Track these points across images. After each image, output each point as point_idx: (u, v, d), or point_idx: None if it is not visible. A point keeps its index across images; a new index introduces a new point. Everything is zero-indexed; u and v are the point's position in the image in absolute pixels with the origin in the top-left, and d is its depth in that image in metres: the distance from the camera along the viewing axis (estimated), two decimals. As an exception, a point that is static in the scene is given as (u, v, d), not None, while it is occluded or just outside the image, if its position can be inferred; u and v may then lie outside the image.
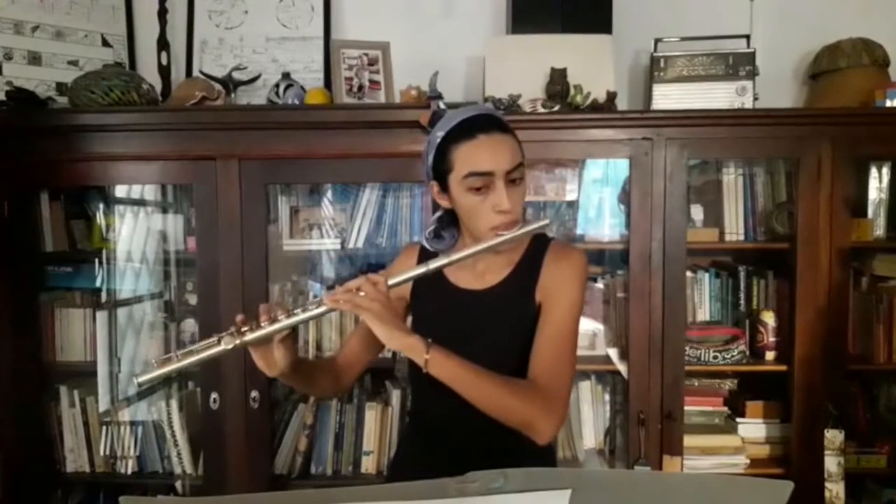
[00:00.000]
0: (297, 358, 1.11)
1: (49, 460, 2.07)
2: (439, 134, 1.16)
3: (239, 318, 1.05)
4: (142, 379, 1.01)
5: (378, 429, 2.06)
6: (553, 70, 1.97)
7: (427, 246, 1.28)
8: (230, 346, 1.02)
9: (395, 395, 2.08)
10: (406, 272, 1.10)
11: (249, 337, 1.03)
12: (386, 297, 1.05)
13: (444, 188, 1.18)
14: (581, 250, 1.25)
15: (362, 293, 1.04)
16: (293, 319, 1.05)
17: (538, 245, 1.24)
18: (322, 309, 1.05)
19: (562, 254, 1.22)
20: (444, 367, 1.04)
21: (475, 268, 1.23)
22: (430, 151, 1.19)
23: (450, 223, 1.27)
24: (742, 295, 2.09)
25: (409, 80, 2.02)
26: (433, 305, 1.26)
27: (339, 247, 2.13)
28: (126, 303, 2.14)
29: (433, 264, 1.10)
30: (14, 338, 1.95)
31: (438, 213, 1.27)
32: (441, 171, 1.16)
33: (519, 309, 1.20)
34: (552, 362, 1.13)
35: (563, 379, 1.14)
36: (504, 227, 1.12)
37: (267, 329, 1.04)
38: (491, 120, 1.16)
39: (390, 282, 1.07)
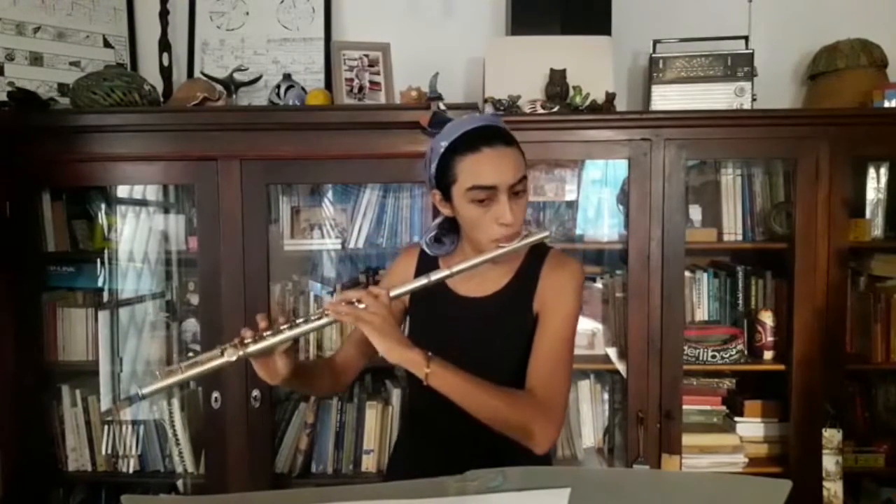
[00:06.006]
0: (297, 365, 1.13)
1: (51, 459, 2.08)
2: (443, 144, 1.16)
3: (245, 332, 1.07)
4: (146, 391, 1.04)
5: (378, 428, 2.07)
6: (552, 71, 1.97)
7: (427, 250, 1.29)
8: (233, 359, 1.04)
9: (396, 395, 2.09)
10: (407, 284, 1.12)
11: (252, 349, 1.06)
12: (387, 309, 1.07)
13: (447, 197, 1.19)
14: (578, 262, 1.27)
15: (363, 305, 1.06)
16: (295, 331, 1.07)
17: (536, 254, 1.25)
18: (324, 320, 1.07)
19: (559, 265, 1.24)
20: (444, 380, 1.05)
21: (474, 276, 1.24)
22: (433, 160, 1.19)
23: (450, 229, 1.28)
24: (740, 295, 2.10)
25: (410, 81, 2.03)
26: (432, 312, 1.27)
27: (339, 247, 2.14)
28: (128, 302, 2.15)
29: (434, 276, 1.11)
30: (16, 337, 1.95)
31: (439, 220, 1.28)
32: (444, 182, 1.17)
33: (517, 317, 1.21)
34: (550, 373, 1.15)
35: (559, 389, 1.16)
36: (505, 240, 1.14)
37: (269, 341, 1.06)
38: (495, 132, 1.15)
39: (392, 293, 1.09)
